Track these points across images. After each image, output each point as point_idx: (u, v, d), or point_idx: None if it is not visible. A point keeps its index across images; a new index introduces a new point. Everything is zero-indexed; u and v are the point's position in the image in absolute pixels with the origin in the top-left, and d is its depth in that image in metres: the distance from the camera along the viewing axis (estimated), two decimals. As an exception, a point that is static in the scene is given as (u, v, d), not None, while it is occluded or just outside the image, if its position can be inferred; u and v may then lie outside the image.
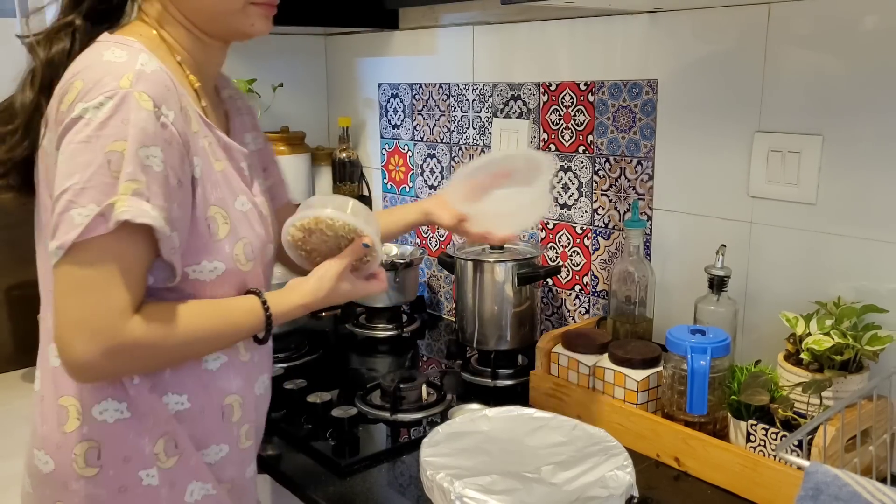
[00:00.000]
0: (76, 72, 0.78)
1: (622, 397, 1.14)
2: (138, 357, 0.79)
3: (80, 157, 0.74)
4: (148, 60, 0.79)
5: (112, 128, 0.74)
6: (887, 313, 1.02)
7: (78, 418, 0.83)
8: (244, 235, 0.87)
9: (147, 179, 0.75)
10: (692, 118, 1.24)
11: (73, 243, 0.73)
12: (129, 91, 0.75)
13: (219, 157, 0.86)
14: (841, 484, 0.69)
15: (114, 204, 0.73)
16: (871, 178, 1.05)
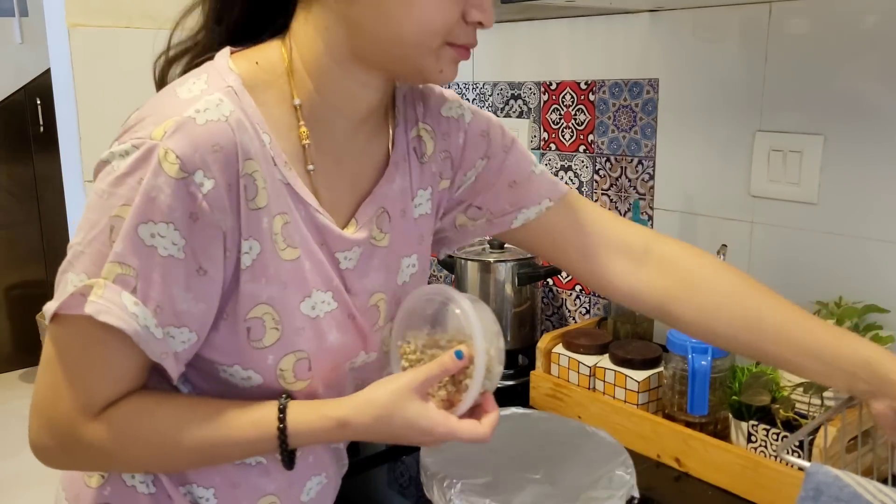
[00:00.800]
0: (150, 101, 0.67)
1: (623, 398, 1.13)
2: (94, 458, 0.68)
3: (91, 212, 0.63)
4: (214, 105, 0.63)
5: (126, 187, 0.61)
6: (889, 313, 1.02)
7: (102, 476, 0.75)
8: (301, 348, 0.69)
9: (141, 264, 0.61)
10: (693, 117, 1.24)
11: (53, 313, 0.63)
12: (155, 145, 0.61)
13: (294, 243, 0.68)
14: (842, 485, 0.69)
15: (92, 287, 0.61)
16: (873, 177, 1.05)
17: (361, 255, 0.74)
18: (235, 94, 0.65)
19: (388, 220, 0.76)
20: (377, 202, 0.75)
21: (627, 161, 1.35)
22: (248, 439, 0.68)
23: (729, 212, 1.21)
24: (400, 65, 0.69)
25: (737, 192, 1.20)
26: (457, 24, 0.67)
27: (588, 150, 1.41)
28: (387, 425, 0.68)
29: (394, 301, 0.78)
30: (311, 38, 0.69)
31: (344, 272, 0.73)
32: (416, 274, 0.80)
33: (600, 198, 1.40)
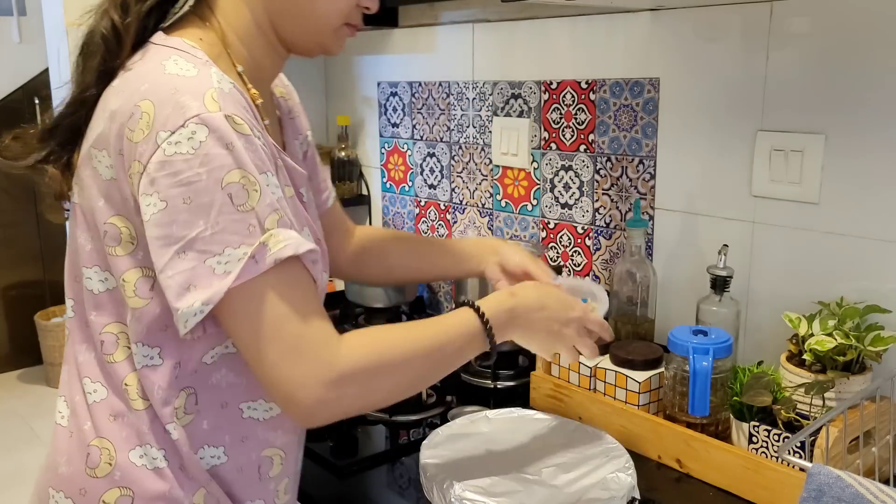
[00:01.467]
0: (139, 92, 0.69)
1: (623, 399, 1.13)
2: (363, 383, 0.73)
3: (196, 199, 0.66)
4: (221, 77, 0.71)
5: (219, 158, 0.66)
6: (890, 314, 1.01)
7: (110, 463, 0.77)
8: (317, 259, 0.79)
9: (280, 207, 0.70)
10: (694, 117, 1.24)
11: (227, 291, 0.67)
12: (221, 115, 0.67)
13: (287, 182, 0.79)
14: (843, 485, 0.68)
15: (265, 243, 0.67)
16: (875, 177, 1.04)
17: (306, 189, 0.87)
18: (215, 67, 0.74)
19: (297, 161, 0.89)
20: (290, 147, 0.90)
21: (628, 160, 1.34)
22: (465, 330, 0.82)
23: (730, 211, 1.21)
24: (307, 40, 0.82)
25: (738, 192, 1.19)
26: (354, 7, 0.81)
27: (589, 149, 1.40)
28: (544, 299, 0.89)
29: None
30: (238, 9, 0.79)
31: (306, 205, 0.85)
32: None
33: (601, 197, 1.40)
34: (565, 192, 1.46)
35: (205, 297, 0.67)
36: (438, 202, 1.73)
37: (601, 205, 1.40)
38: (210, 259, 0.67)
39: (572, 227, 1.46)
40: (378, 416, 1.21)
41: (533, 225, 1.53)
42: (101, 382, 0.79)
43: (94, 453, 0.78)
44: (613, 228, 1.39)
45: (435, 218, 1.75)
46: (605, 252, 1.41)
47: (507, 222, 1.59)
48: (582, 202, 1.43)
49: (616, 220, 1.38)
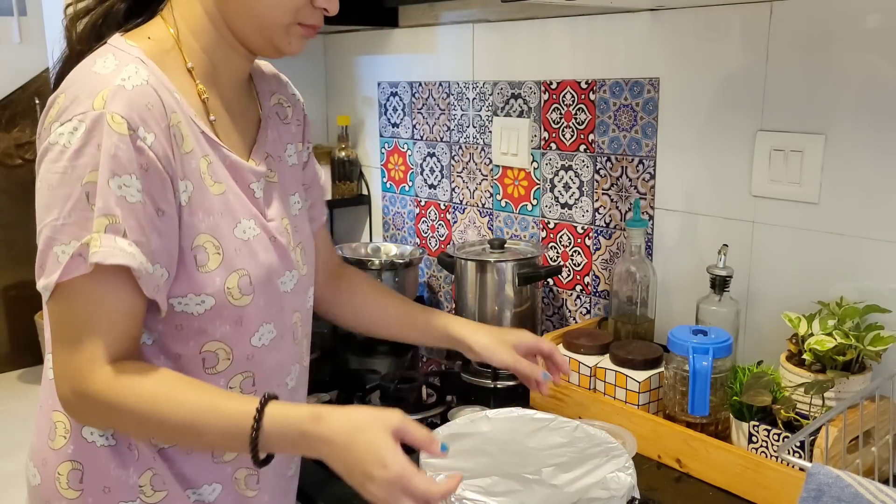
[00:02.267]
0: (66, 85, 0.75)
1: (623, 398, 1.13)
2: (99, 412, 0.75)
3: (58, 189, 0.71)
4: (133, 73, 0.74)
5: (87, 156, 0.70)
6: (890, 313, 1.02)
7: (65, 436, 0.81)
8: (241, 267, 0.80)
9: (122, 212, 0.70)
10: (694, 117, 1.24)
11: (56, 284, 0.71)
12: (101, 113, 0.70)
13: (219, 179, 0.80)
14: (843, 485, 0.68)
15: (88, 243, 0.70)
16: (874, 177, 1.04)
17: (265, 188, 0.86)
18: (143, 63, 0.76)
19: (274, 162, 0.90)
20: (262, 148, 0.89)
21: (628, 160, 1.34)
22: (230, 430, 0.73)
23: (730, 211, 1.21)
24: (256, 36, 0.81)
25: (738, 192, 1.19)
26: (305, 6, 0.80)
27: (589, 149, 1.40)
28: (353, 439, 0.71)
29: (294, 226, 0.90)
30: (192, 5, 0.81)
31: (258, 201, 0.84)
32: (302, 209, 0.94)
33: (601, 197, 1.40)
34: (565, 191, 1.46)
35: (44, 283, 0.72)
36: (438, 202, 1.74)
37: (601, 205, 1.40)
38: (57, 246, 0.71)
39: (572, 227, 1.46)
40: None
41: (533, 225, 1.53)
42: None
43: (52, 426, 0.83)
44: (613, 228, 1.39)
45: (435, 218, 1.75)
46: (604, 252, 1.41)
47: (507, 222, 1.59)
48: (582, 202, 1.43)
49: (616, 220, 1.38)
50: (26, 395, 3.35)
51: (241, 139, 0.86)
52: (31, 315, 3.39)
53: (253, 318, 0.82)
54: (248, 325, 0.82)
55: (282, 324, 0.87)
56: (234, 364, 0.83)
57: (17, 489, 0.90)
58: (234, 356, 0.82)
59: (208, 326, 0.79)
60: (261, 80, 0.94)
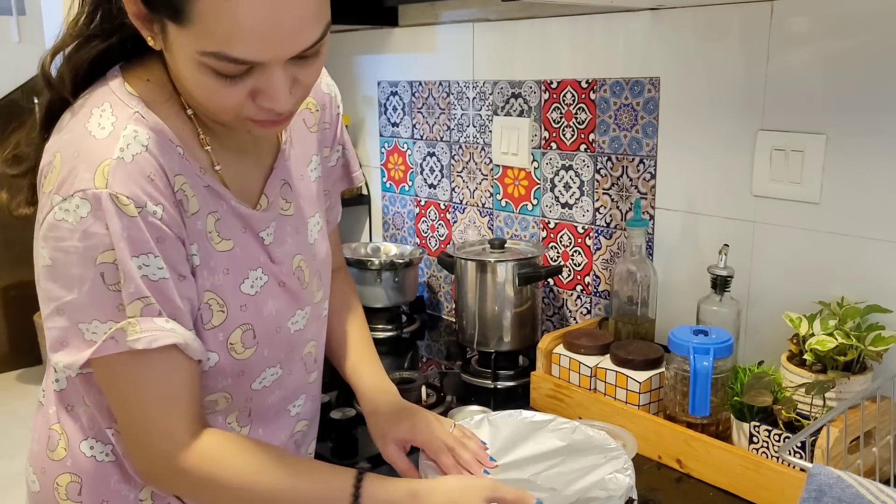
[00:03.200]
0: (59, 140, 0.71)
1: (624, 399, 1.13)
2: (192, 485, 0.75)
3: (72, 268, 0.68)
4: (132, 139, 0.69)
5: (96, 237, 0.67)
6: (891, 313, 1.01)
7: (65, 448, 0.81)
8: (246, 322, 0.78)
9: (152, 291, 0.69)
10: (695, 116, 1.24)
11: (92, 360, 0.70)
12: (105, 193, 0.67)
13: (227, 235, 0.77)
14: (844, 486, 0.68)
15: (124, 328, 0.68)
16: (875, 177, 1.04)
17: (276, 228, 0.83)
18: (143, 118, 0.71)
19: (290, 190, 0.86)
20: (279, 176, 0.84)
21: (629, 160, 1.34)
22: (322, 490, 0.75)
23: (730, 211, 1.21)
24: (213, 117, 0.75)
25: (738, 192, 1.19)
26: (245, 106, 0.70)
27: (589, 149, 1.40)
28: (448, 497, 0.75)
29: (310, 258, 0.87)
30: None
31: (268, 247, 0.82)
32: (321, 230, 0.91)
33: (601, 197, 1.40)
34: (566, 191, 1.46)
35: (69, 360, 0.71)
36: (438, 202, 1.73)
37: (601, 204, 1.40)
38: (81, 324, 0.69)
39: (573, 227, 1.46)
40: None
41: (533, 224, 1.53)
42: (62, 373, 0.82)
43: (53, 437, 0.82)
44: (614, 228, 1.38)
45: (435, 218, 1.75)
46: (605, 252, 1.41)
47: (508, 222, 1.58)
48: (582, 202, 1.43)
49: (616, 220, 1.38)
50: (26, 395, 3.35)
51: (255, 173, 0.82)
52: (31, 315, 3.39)
53: (255, 367, 0.82)
54: (250, 374, 0.82)
55: (290, 361, 0.87)
56: (232, 405, 0.83)
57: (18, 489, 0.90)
58: (233, 400, 0.83)
59: (210, 381, 0.79)
60: None
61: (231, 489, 0.74)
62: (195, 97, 0.71)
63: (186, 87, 0.72)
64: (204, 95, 0.69)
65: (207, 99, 0.70)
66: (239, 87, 0.68)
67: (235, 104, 0.69)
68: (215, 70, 0.66)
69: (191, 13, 0.63)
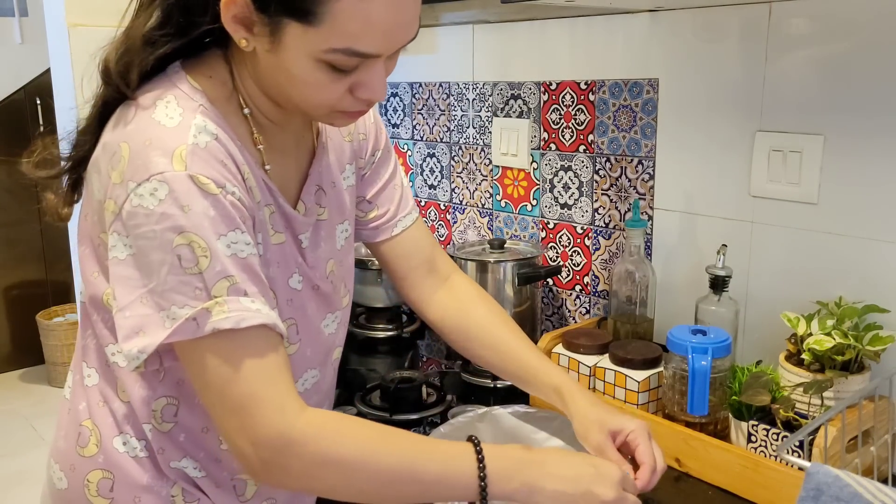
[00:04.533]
0: (125, 131, 0.71)
1: (623, 398, 1.13)
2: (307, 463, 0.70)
3: (150, 254, 0.68)
4: (203, 128, 0.70)
5: (172, 219, 0.67)
6: (889, 313, 1.02)
7: (97, 445, 0.81)
8: (290, 316, 0.80)
9: (237, 271, 0.68)
10: (693, 117, 1.24)
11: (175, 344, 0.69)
12: (184, 175, 0.67)
13: (279, 229, 0.79)
14: (842, 485, 0.69)
15: (209, 309, 0.67)
16: (873, 177, 1.05)
17: (312, 232, 0.84)
18: (207, 112, 0.73)
19: (324, 195, 0.87)
20: (314, 181, 0.85)
21: (627, 161, 1.34)
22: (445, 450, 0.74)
23: (729, 212, 1.21)
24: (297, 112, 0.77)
25: (737, 192, 1.20)
26: (342, 98, 0.73)
27: (588, 150, 1.41)
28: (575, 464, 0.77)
29: (338, 263, 0.89)
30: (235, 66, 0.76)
31: (304, 250, 0.83)
32: (348, 238, 0.92)
33: (600, 198, 1.40)
34: (565, 192, 1.46)
35: (142, 344, 0.69)
36: (438, 202, 1.74)
37: (600, 205, 1.40)
38: (162, 311, 0.68)
39: (572, 227, 1.46)
40: (378, 415, 1.22)
41: (532, 225, 1.53)
42: (95, 368, 0.82)
43: (84, 433, 0.82)
44: (613, 228, 1.39)
45: (435, 218, 1.76)
46: (604, 252, 1.41)
47: (507, 222, 1.59)
48: (581, 202, 1.43)
49: (615, 221, 1.38)
50: (28, 394, 3.36)
51: (295, 175, 0.84)
52: (33, 315, 3.40)
53: (298, 367, 0.82)
54: (295, 372, 0.82)
55: (325, 365, 0.88)
56: None
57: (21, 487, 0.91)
58: None
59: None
60: None
61: (349, 464, 0.70)
62: (293, 94, 0.73)
63: (279, 85, 0.73)
64: (309, 90, 0.72)
65: (312, 93, 0.72)
66: (345, 80, 0.71)
67: (337, 97, 0.73)
68: (333, 65, 0.69)
69: (324, 14, 0.66)
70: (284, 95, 0.75)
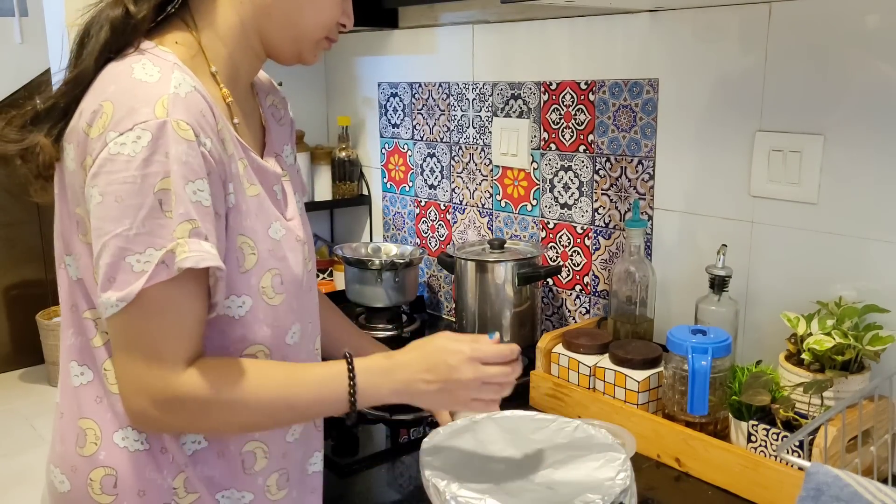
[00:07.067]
0: (105, 92, 0.74)
1: (623, 398, 1.13)
2: (192, 412, 0.75)
3: (127, 199, 0.70)
4: (182, 80, 0.74)
5: (156, 164, 0.70)
6: (888, 313, 1.02)
7: (96, 443, 0.81)
8: (274, 266, 0.81)
9: (200, 217, 0.71)
10: (693, 117, 1.24)
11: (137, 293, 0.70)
12: (166, 121, 0.70)
13: (253, 181, 0.81)
14: (842, 484, 0.69)
15: (174, 249, 0.70)
16: (873, 177, 1.05)
17: (282, 189, 0.88)
18: (182, 69, 0.76)
19: (282, 161, 0.92)
20: (272, 149, 0.91)
21: (627, 161, 1.35)
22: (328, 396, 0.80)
23: (729, 212, 1.21)
24: (288, 47, 0.85)
25: (737, 192, 1.20)
26: (338, 19, 0.86)
27: (588, 149, 1.41)
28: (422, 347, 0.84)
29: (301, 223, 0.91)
30: (226, 13, 0.82)
31: (279, 203, 0.86)
32: (302, 209, 0.94)
33: (600, 198, 1.40)
34: (565, 192, 1.46)
35: (120, 294, 0.71)
36: (438, 202, 1.74)
37: (600, 205, 1.40)
38: (130, 256, 0.70)
39: (572, 227, 1.46)
40: (378, 414, 1.22)
41: (532, 225, 1.54)
42: (87, 366, 0.82)
43: (81, 433, 0.82)
44: (613, 228, 1.39)
45: (435, 218, 1.76)
46: (604, 252, 1.41)
47: (507, 222, 1.59)
48: (581, 202, 1.44)
49: (615, 220, 1.38)
50: (28, 394, 3.36)
51: (254, 140, 0.88)
52: (33, 315, 3.40)
53: (285, 318, 0.84)
54: (283, 324, 0.84)
55: (304, 322, 0.89)
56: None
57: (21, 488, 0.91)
58: (272, 357, 0.84)
59: (247, 331, 0.80)
60: (256, 81, 0.95)
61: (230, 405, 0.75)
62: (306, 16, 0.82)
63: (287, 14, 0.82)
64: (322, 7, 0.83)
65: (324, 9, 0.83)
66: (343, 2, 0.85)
67: (338, 14, 0.84)
68: None
69: None
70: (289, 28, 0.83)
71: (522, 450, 0.95)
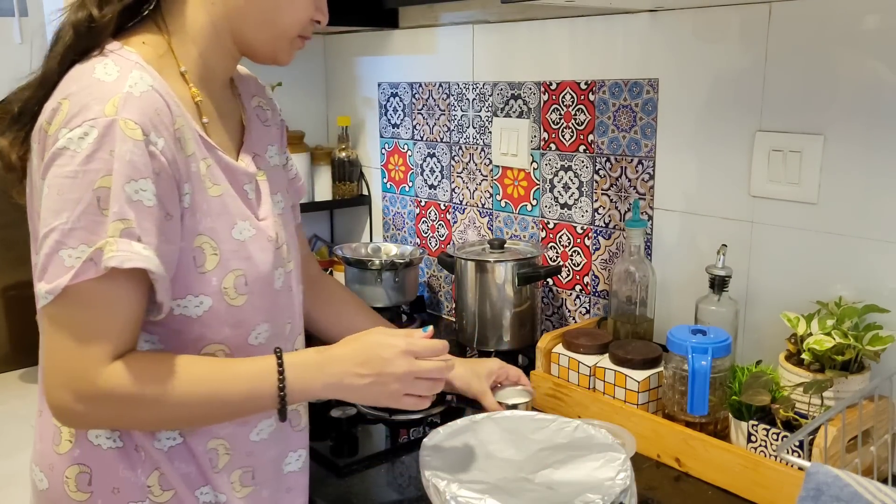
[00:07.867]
0: (67, 91, 0.75)
1: (623, 398, 1.13)
2: (116, 407, 0.74)
3: (67, 193, 0.70)
4: (139, 79, 0.75)
5: (98, 161, 0.70)
6: (888, 313, 1.02)
7: (70, 440, 0.82)
8: (237, 267, 0.81)
9: (137, 216, 0.71)
10: (693, 117, 1.24)
11: (63, 287, 0.70)
12: (114, 119, 0.71)
13: (217, 181, 0.81)
14: (842, 484, 0.69)
15: (102, 248, 0.70)
16: (873, 177, 1.05)
17: (256, 188, 0.87)
18: (143, 69, 0.77)
19: (261, 161, 0.92)
20: (250, 149, 0.90)
21: (627, 161, 1.35)
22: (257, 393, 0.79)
23: (729, 212, 1.21)
24: (263, 46, 0.85)
25: (737, 192, 1.20)
26: (311, 17, 0.86)
27: (588, 150, 1.41)
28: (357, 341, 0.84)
29: (281, 224, 0.90)
30: (196, 13, 0.82)
31: (250, 202, 0.85)
32: (284, 208, 0.94)
33: (600, 198, 1.40)
34: (565, 192, 1.46)
35: (48, 287, 0.71)
36: (438, 202, 1.74)
37: (600, 205, 1.40)
38: (63, 250, 0.70)
39: (572, 227, 1.46)
40: (378, 414, 1.22)
41: (532, 225, 1.53)
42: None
43: (57, 431, 0.82)
44: (613, 228, 1.39)
45: (435, 218, 1.76)
46: (604, 252, 1.41)
47: (507, 222, 1.59)
48: (581, 202, 1.44)
49: (615, 220, 1.38)
50: (27, 394, 3.35)
51: (230, 139, 0.88)
52: (32, 315, 3.39)
53: (250, 318, 0.83)
54: (246, 325, 0.83)
55: (276, 322, 0.88)
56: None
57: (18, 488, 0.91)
58: (231, 356, 0.83)
59: (207, 330, 0.80)
60: (241, 82, 0.96)
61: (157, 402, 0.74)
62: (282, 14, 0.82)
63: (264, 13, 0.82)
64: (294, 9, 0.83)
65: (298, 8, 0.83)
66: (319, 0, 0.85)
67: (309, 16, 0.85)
68: None
69: None
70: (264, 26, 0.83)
71: (522, 450, 0.95)
